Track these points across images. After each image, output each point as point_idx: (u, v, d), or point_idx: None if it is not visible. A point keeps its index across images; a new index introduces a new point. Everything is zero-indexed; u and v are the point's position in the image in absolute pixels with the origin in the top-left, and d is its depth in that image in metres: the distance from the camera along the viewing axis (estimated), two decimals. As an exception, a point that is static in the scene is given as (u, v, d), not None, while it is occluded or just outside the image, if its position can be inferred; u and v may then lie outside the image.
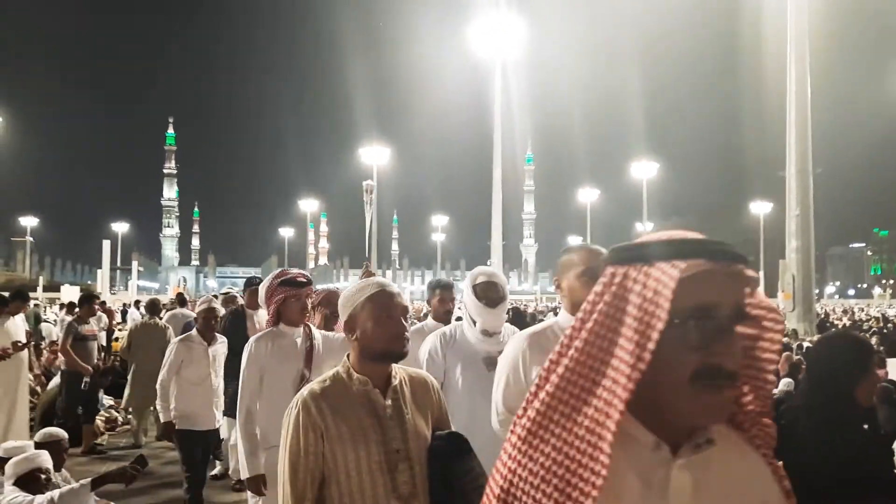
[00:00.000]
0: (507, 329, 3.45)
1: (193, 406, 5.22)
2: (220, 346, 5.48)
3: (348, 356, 2.13)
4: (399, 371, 2.13)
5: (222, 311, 5.41)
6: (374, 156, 46.66)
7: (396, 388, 2.07)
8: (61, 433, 4.56)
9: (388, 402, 2.04)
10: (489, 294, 3.33)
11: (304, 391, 2.03)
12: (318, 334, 3.70)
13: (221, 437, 6.34)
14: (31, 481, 3.69)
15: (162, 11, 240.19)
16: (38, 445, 4.24)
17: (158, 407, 5.32)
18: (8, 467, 3.74)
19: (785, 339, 14.39)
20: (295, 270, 3.81)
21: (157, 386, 5.18)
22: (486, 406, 2.89)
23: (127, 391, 8.67)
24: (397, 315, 2.09)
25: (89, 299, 8.97)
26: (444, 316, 4.12)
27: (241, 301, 7.35)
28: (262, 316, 6.09)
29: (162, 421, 5.26)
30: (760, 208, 69.31)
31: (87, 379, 7.82)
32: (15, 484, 3.65)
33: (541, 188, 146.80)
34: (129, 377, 8.65)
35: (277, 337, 3.58)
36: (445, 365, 3.39)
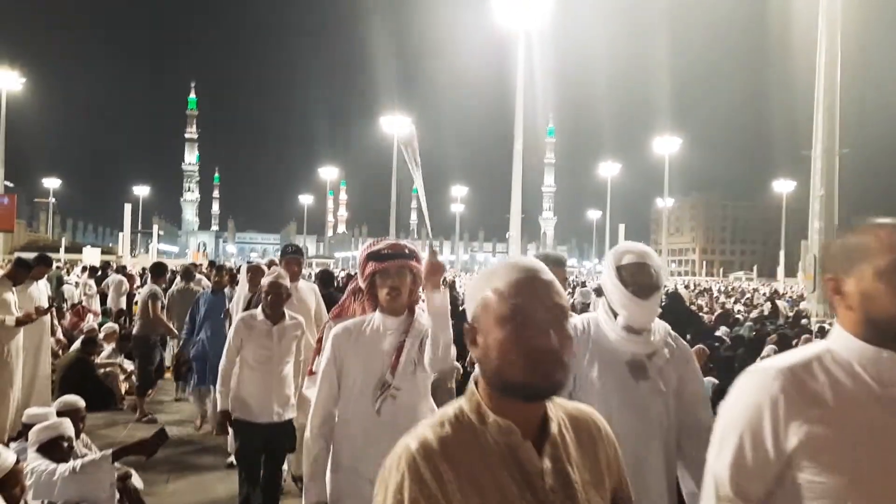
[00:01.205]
0: (659, 325, 2.60)
1: (249, 393, 4.53)
2: (291, 326, 4.67)
3: (476, 383, 1.31)
4: (557, 409, 1.33)
5: (287, 284, 4.67)
6: (395, 125, 46.49)
7: (556, 440, 1.29)
8: (79, 401, 4.66)
9: (547, 462, 1.26)
10: (639, 279, 2.47)
11: (412, 442, 1.23)
12: (421, 326, 2.83)
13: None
14: (53, 448, 3.77)
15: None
16: (57, 413, 4.32)
17: (217, 394, 4.69)
18: (32, 434, 3.82)
19: (803, 321, 14.29)
20: (387, 242, 2.93)
21: (219, 371, 4.58)
22: (635, 431, 2.34)
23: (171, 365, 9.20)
24: (545, 321, 1.23)
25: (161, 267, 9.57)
26: None
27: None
28: (303, 289, 5.82)
29: (219, 409, 4.60)
30: (784, 187, 68.38)
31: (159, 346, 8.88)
32: (38, 451, 3.73)
33: (561, 161, 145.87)
34: (172, 349, 9.19)
35: (362, 327, 2.84)
36: (577, 368, 2.48)
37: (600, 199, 70.64)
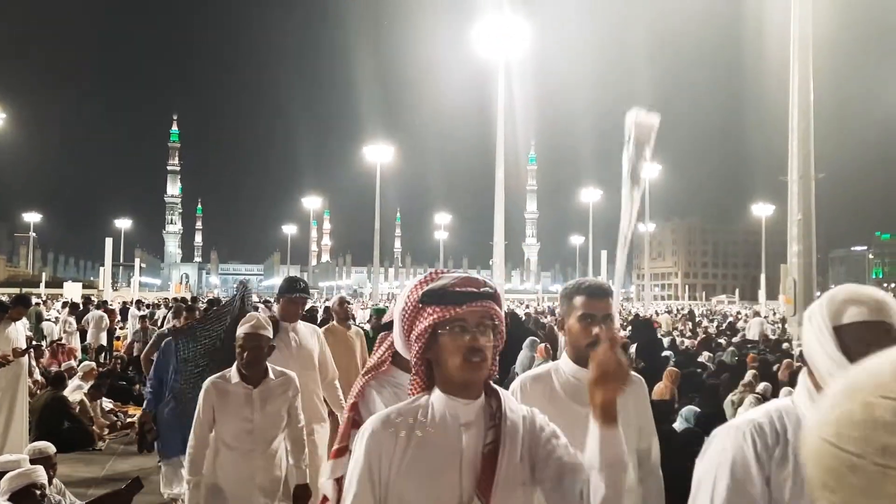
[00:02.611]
0: None
1: (226, 481, 3.55)
2: (278, 386, 3.61)
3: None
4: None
5: (269, 334, 3.61)
6: (378, 154, 46.67)
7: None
8: (50, 448, 4.61)
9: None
10: (874, 347, 0.87)
11: None
12: (514, 416, 1.72)
13: None
14: (26, 497, 3.71)
15: (168, 9, 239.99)
16: (30, 460, 4.25)
17: (185, 483, 3.67)
18: (3, 482, 3.76)
19: (784, 345, 14.38)
20: (454, 274, 1.77)
21: (187, 453, 3.58)
22: None
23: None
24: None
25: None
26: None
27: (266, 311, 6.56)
28: (303, 332, 4.60)
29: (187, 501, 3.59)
30: (762, 210, 69.19)
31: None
32: (10, 499, 3.66)
33: (543, 188, 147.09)
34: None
35: (414, 417, 1.68)
36: (766, 471, 1.51)
37: (583, 225, 71.19)
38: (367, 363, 2.59)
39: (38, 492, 3.80)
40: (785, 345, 14.62)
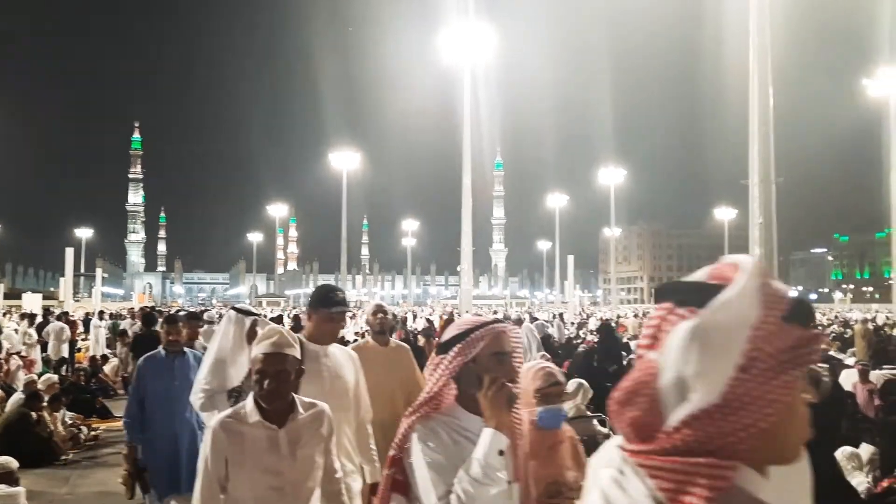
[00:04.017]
0: None
1: None
2: (310, 421, 2.68)
3: None
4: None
5: (297, 353, 2.70)
6: (344, 161, 46.49)
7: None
8: (13, 463, 4.51)
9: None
10: None
11: None
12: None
13: None
14: None
15: (129, 13, 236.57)
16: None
17: None
18: None
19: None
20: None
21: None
22: None
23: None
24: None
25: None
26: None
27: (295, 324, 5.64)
28: (338, 356, 3.56)
29: None
30: (725, 214, 70.42)
31: None
32: None
33: (510, 193, 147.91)
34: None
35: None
36: None
37: (549, 230, 71.61)
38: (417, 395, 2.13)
39: None
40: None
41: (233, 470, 2.56)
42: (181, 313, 6.27)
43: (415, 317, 29.58)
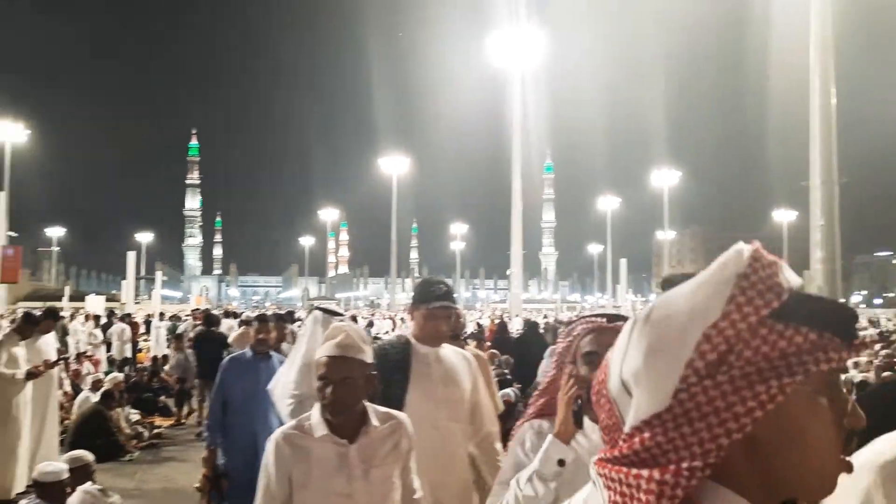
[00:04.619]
0: None
1: None
2: (384, 435, 2.34)
3: None
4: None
5: (368, 358, 2.35)
6: (394, 165, 46.91)
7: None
8: (88, 456, 4.65)
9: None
10: None
11: None
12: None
13: None
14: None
15: (187, 25, 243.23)
16: (69, 469, 4.32)
17: None
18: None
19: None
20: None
21: None
22: None
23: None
24: None
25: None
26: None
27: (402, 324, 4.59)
28: (452, 359, 3.12)
29: None
30: (784, 216, 68.53)
31: None
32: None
33: (561, 196, 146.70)
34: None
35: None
36: None
37: (601, 234, 70.89)
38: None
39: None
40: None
41: (298, 492, 2.23)
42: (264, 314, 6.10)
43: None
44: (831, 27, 17.57)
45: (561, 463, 1.70)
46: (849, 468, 0.74)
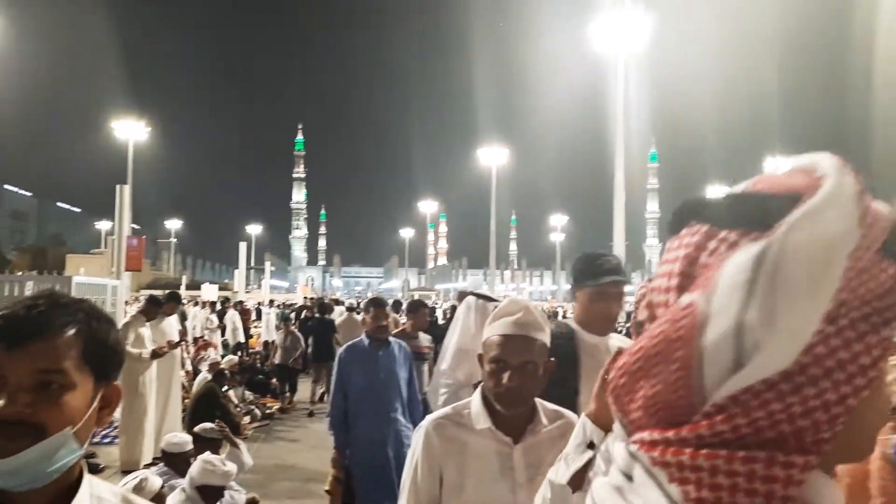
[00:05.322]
0: None
1: None
2: (557, 439, 1.80)
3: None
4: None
5: (547, 340, 1.91)
6: (493, 156, 46.81)
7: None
8: (214, 430, 4.92)
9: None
10: None
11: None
12: None
13: None
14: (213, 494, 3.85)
15: (294, 27, 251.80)
16: (196, 436, 4.58)
17: None
18: (197, 473, 3.84)
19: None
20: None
21: None
22: None
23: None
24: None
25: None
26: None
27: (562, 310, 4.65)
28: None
29: None
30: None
31: None
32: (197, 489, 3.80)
33: (665, 186, 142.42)
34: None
35: None
36: None
37: (708, 224, 68.21)
38: None
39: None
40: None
41: (449, 493, 1.88)
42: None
43: (564, 314, 29.28)
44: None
45: (591, 445, 1.42)
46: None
